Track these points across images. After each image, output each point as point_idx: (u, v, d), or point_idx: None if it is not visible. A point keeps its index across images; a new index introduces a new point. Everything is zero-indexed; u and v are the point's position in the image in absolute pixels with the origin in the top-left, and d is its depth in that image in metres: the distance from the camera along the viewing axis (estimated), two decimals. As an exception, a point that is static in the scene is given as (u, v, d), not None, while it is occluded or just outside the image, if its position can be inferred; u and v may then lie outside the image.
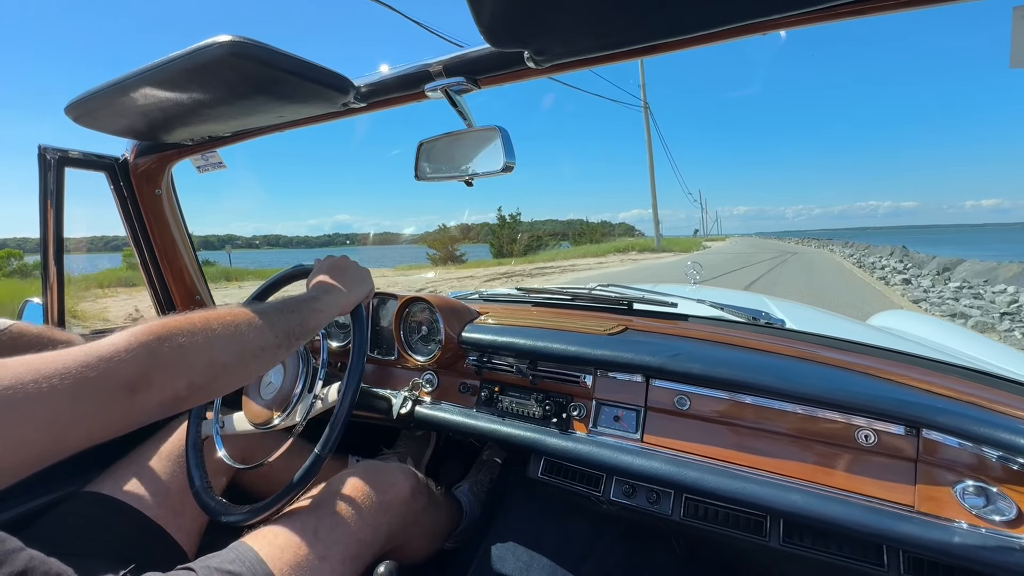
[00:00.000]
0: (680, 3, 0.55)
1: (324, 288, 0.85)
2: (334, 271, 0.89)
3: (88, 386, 0.46)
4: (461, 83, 0.82)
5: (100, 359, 0.48)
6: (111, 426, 0.49)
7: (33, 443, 0.43)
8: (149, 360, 0.52)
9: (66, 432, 0.45)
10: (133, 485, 0.93)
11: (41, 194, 1.07)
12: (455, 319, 1.18)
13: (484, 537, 1.11)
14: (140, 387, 0.50)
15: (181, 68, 0.73)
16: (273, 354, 0.68)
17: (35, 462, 0.44)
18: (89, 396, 0.47)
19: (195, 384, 0.56)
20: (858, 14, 0.55)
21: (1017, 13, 0.48)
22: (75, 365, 0.46)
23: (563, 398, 1.04)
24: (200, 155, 1.20)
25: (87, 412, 0.46)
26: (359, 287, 0.90)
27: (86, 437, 0.47)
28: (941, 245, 35.53)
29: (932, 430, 0.74)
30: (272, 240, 67.02)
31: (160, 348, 0.53)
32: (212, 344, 0.59)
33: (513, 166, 0.84)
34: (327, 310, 0.81)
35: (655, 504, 0.91)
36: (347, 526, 0.83)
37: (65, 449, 0.46)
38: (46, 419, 0.43)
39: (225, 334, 0.61)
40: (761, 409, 0.86)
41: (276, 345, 0.68)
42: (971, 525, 0.68)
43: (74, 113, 0.90)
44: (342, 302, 0.85)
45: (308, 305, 0.77)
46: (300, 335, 0.73)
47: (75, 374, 0.46)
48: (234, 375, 0.62)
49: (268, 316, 0.68)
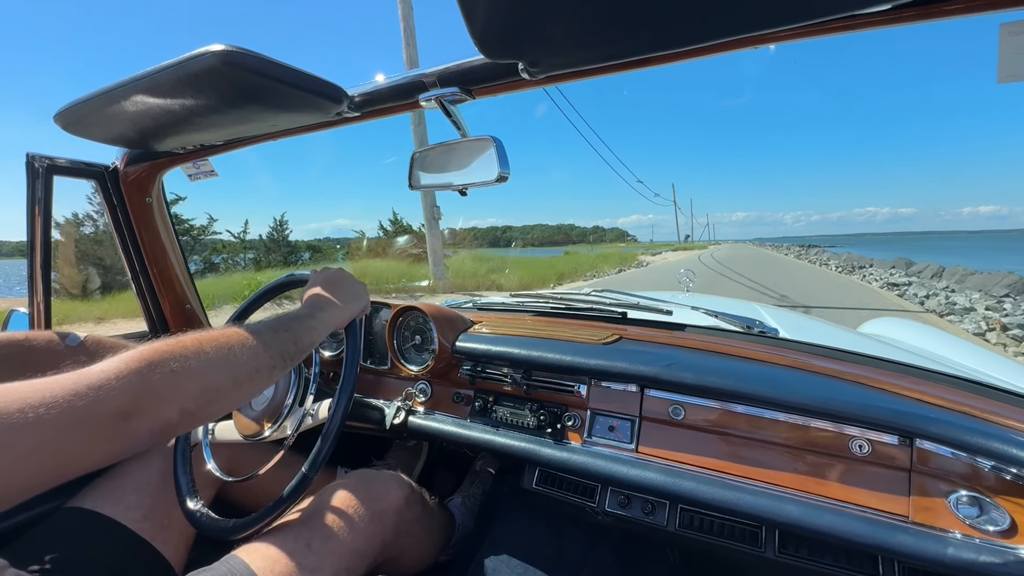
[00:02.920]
0: (673, 18, 0.56)
1: (319, 304, 0.83)
2: (330, 285, 0.87)
3: (76, 415, 0.45)
4: (455, 93, 0.82)
5: (90, 387, 0.47)
6: (100, 456, 0.48)
7: (16, 473, 0.42)
8: (140, 387, 0.50)
9: (52, 462, 0.44)
10: (118, 499, 0.91)
11: (29, 202, 1.05)
12: (449, 328, 1.17)
13: (478, 549, 1.10)
14: (131, 415, 0.49)
15: (172, 77, 0.72)
16: (268, 375, 0.67)
17: (20, 492, 0.43)
18: (77, 426, 0.45)
19: (187, 410, 0.55)
20: (845, 29, 0.56)
21: (1004, 29, 0.49)
22: (63, 393, 0.45)
23: (558, 408, 1.03)
24: (192, 163, 1.19)
25: (74, 442, 0.45)
26: (355, 302, 0.89)
27: (73, 467, 0.46)
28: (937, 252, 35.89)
29: (925, 440, 0.74)
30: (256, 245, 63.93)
31: (151, 375, 0.52)
32: (205, 369, 0.57)
33: (507, 176, 0.84)
34: (321, 327, 0.79)
35: (650, 515, 0.91)
36: (341, 537, 0.82)
37: (51, 480, 0.44)
38: (30, 449, 0.42)
39: (218, 357, 0.60)
40: (755, 419, 0.86)
41: (271, 366, 0.67)
42: (965, 535, 0.68)
43: (63, 121, 0.89)
44: (337, 318, 0.84)
45: (302, 323, 0.76)
46: (295, 354, 0.72)
47: (63, 403, 0.45)
48: (227, 399, 0.61)
49: (262, 336, 0.67)
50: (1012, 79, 0.49)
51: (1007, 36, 0.48)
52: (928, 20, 0.51)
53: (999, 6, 0.50)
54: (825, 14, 0.51)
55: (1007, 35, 0.48)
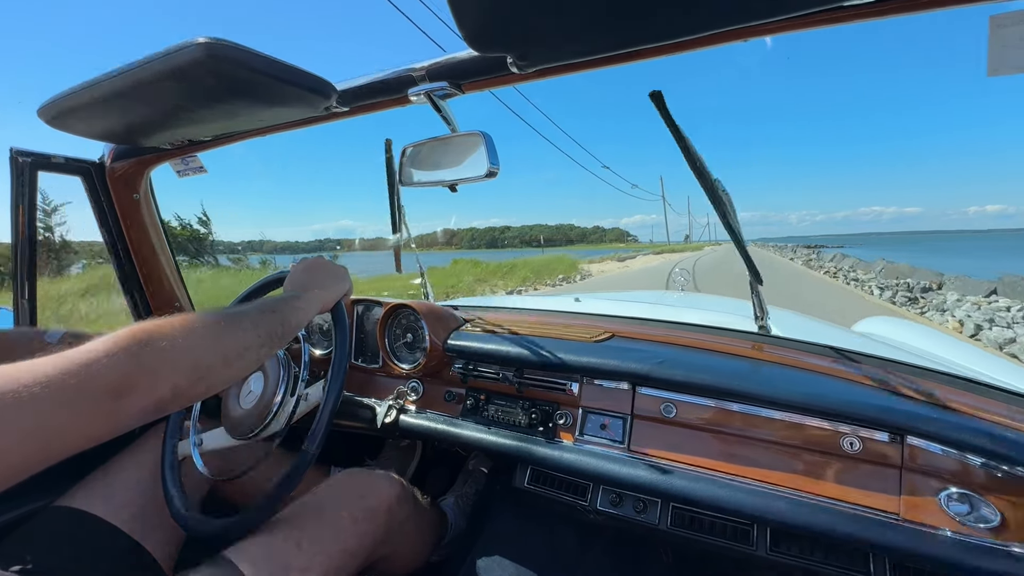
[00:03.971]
0: (659, 10, 0.55)
1: (303, 286, 0.84)
2: (310, 271, 0.89)
3: (70, 393, 0.45)
4: (444, 88, 0.82)
5: (81, 365, 0.47)
6: (94, 433, 0.48)
7: (13, 453, 0.42)
8: (132, 364, 0.51)
9: (48, 441, 0.44)
10: (107, 499, 0.90)
11: (13, 199, 1.04)
12: (440, 326, 1.16)
13: (470, 549, 1.10)
14: (124, 392, 0.49)
15: (157, 70, 0.71)
16: (256, 354, 0.67)
17: (16, 472, 0.43)
18: (71, 403, 0.45)
19: (179, 387, 0.55)
20: (832, 22, 0.56)
21: (993, 22, 0.49)
22: (55, 372, 0.45)
23: (549, 406, 1.02)
24: (180, 159, 1.18)
25: (69, 420, 0.45)
26: (338, 284, 0.90)
27: (68, 445, 0.46)
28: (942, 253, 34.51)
29: (916, 437, 0.74)
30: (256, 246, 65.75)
31: (142, 352, 0.52)
32: (195, 346, 0.58)
33: (497, 171, 0.84)
34: (307, 308, 0.80)
35: (642, 513, 0.90)
36: (331, 536, 0.81)
37: (46, 459, 0.44)
38: (26, 428, 0.42)
39: (208, 335, 0.60)
40: (747, 416, 0.85)
41: (259, 345, 0.67)
42: (955, 532, 0.68)
43: (47, 115, 0.87)
44: (322, 299, 0.85)
45: (288, 304, 0.76)
46: (282, 335, 0.73)
47: (56, 381, 0.45)
48: (218, 377, 0.61)
49: (249, 316, 0.68)
50: (1001, 72, 0.49)
51: (995, 28, 0.48)
52: (914, 12, 0.51)
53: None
54: (810, 6, 0.51)
55: (995, 27, 0.47)
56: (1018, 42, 0.47)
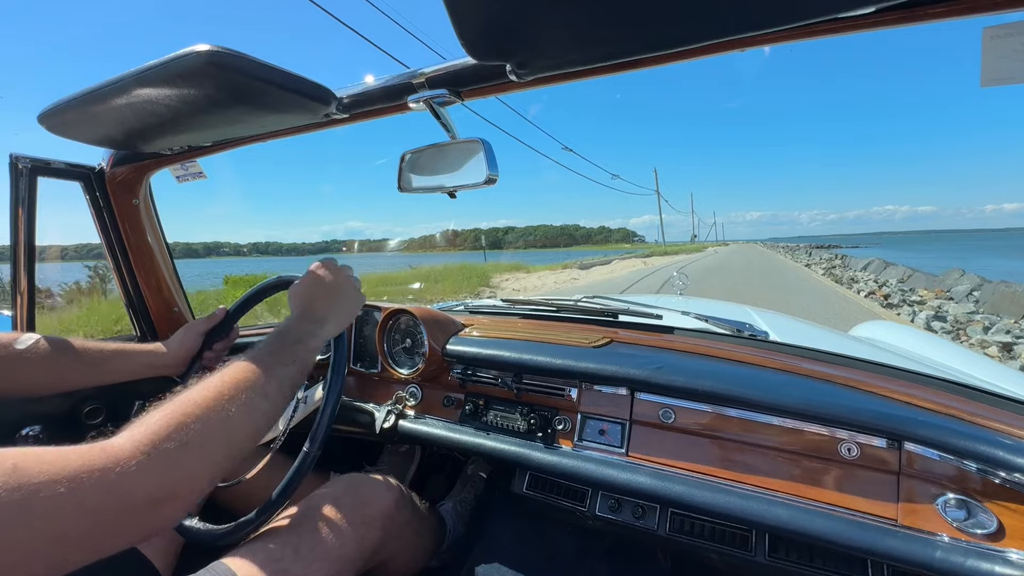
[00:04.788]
0: (659, 20, 0.56)
1: (319, 318, 0.81)
2: (329, 296, 0.84)
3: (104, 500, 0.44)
4: (444, 95, 0.82)
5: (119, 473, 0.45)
6: (123, 543, 0.47)
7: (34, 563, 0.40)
8: (173, 472, 0.50)
9: (71, 552, 0.42)
10: None
11: (12, 203, 1.04)
12: (439, 331, 1.16)
13: (469, 555, 1.09)
14: (164, 502, 0.49)
15: (158, 77, 0.72)
16: (281, 411, 0.68)
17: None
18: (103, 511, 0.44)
19: (215, 479, 0.56)
20: (831, 32, 0.56)
21: (987, 34, 0.49)
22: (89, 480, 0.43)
23: (548, 411, 1.02)
24: (179, 165, 1.18)
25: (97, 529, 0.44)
26: (354, 307, 0.88)
27: (92, 554, 0.44)
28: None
29: (914, 443, 0.74)
30: (261, 248, 65.69)
31: (182, 457, 0.51)
32: (232, 438, 0.58)
33: (496, 179, 0.84)
34: (321, 345, 0.79)
35: (641, 519, 0.90)
36: (329, 542, 0.81)
37: (63, 571, 0.43)
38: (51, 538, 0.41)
39: (240, 412, 0.59)
40: (745, 422, 0.86)
41: (285, 402, 0.68)
42: (953, 538, 0.68)
43: (48, 122, 0.88)
44: (336, 330, 0.84)
45: (305, 346, 0.76)
46: (301, 382, 0.74)
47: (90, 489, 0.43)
48: (247, 450, 0.62)
49: (274, 374, 0.67)
50: (995, 83, 0.49)
51: (989, 40, 0.48)
52: (911, 24, 0.52)
53: (981, 10, 0.50)
54: (810, 16, 0.52)
55: (989, 39, 0.48)
56: (1011, 53, 0.48)
